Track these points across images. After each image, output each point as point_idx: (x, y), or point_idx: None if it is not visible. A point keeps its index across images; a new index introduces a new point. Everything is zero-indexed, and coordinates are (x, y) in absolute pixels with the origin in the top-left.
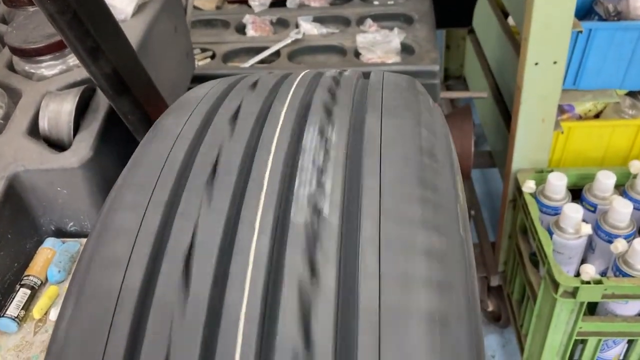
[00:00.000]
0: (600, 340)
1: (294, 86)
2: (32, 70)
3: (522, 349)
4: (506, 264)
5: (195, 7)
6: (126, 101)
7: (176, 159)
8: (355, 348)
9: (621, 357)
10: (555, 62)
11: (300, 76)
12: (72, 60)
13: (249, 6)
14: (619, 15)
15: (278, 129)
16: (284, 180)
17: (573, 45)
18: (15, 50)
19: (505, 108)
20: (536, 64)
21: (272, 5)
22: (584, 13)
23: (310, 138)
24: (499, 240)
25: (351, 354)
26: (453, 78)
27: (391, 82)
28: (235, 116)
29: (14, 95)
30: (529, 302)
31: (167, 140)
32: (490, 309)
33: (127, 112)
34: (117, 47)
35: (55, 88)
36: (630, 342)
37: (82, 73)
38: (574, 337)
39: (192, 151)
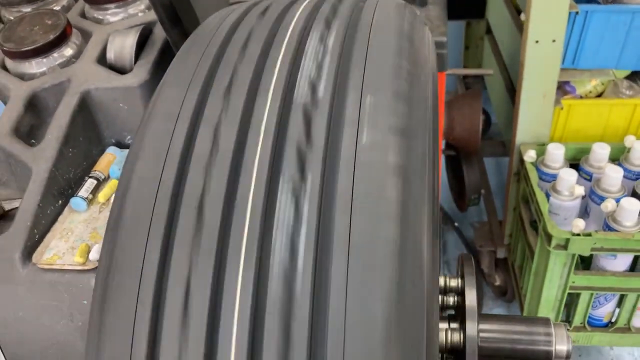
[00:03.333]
0: (592, 294)
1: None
2: (100, 17)
3: (522, 309)
4: (511, 236)
5: None
6: (178, 32)
7: (202, 73)
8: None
9: (613, 320)
10: (554, 41)
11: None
12: (132, 9)
13: None
14: (615, 1)
15: (285, 43)
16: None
17: (571, 26)
18: None
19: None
20: (537, 42)
21: None
22: (585, 2)
23: (312, 45)
24: (505, 213)
25: None
26: (471, 76)
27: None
28: (247, 40)
29: (85, 36)
30: (527, 263)
31: (194, 58)
32: (498, 283)
33: (179, 43)
34: None
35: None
36: (620, 300)
37: (140, 19)
38: (567, 291)
39: (215, 66)
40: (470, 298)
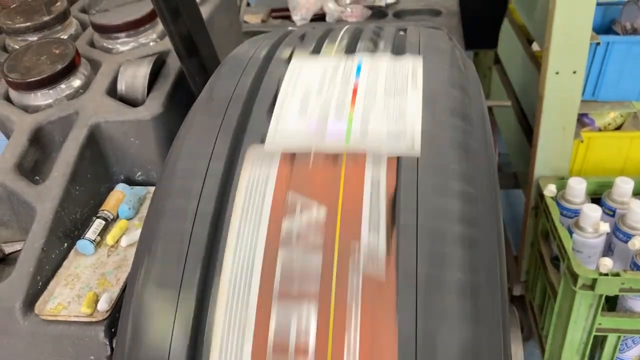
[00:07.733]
0: (619, 337)
1: (340, 35)
2: (109, 46)
3: (542, 352)
4: (528, 273)
5: (244, 21)
6: (195, 63)
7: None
8: None
9: None
10: (574, 72)
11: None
12: (143, 38)
13: (292, 20)
14: (635, 32)
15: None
16: None
17: (592, 57)
18: (97, 27)
19: (530, 129)
20: (557, 73)
21: (312, 20)
22: (603, 33)
23: None
24: (522, 249)
25: None
26: None
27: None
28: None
29: (94, 66)
30: (549, 303)
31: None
32: None
33: (195, 74)
34: (192, 13)
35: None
36: None
37: (152, 49)
38: (593, 333)
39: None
40: (517, 355)
